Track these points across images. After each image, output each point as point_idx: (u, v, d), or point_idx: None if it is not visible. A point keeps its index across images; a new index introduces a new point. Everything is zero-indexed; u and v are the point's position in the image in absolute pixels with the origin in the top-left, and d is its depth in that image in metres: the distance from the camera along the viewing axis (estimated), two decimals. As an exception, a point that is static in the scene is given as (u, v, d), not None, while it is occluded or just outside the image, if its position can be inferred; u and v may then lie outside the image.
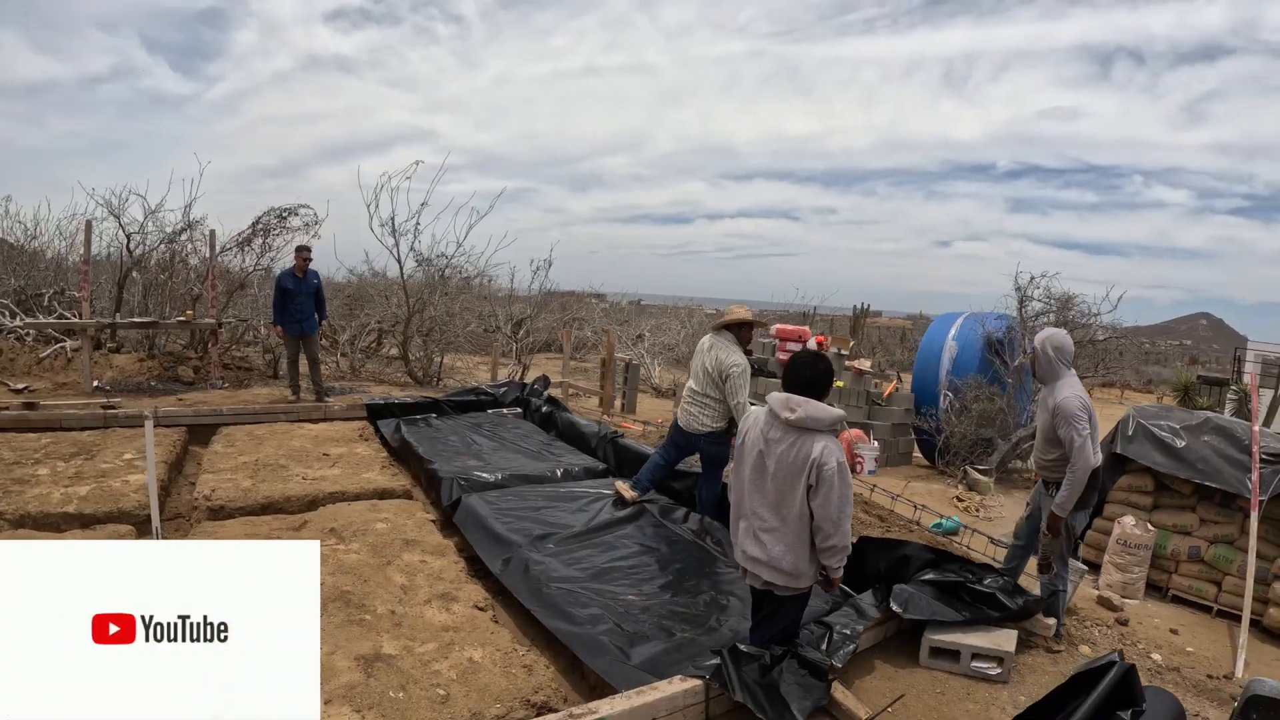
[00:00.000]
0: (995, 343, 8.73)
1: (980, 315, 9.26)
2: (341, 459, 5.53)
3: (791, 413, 2.83)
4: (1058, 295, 8.62)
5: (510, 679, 2.94)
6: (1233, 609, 4.91)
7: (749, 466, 3.00)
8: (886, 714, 3.14)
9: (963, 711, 3.22)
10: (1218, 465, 4.98)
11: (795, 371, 2.96)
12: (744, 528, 3.06)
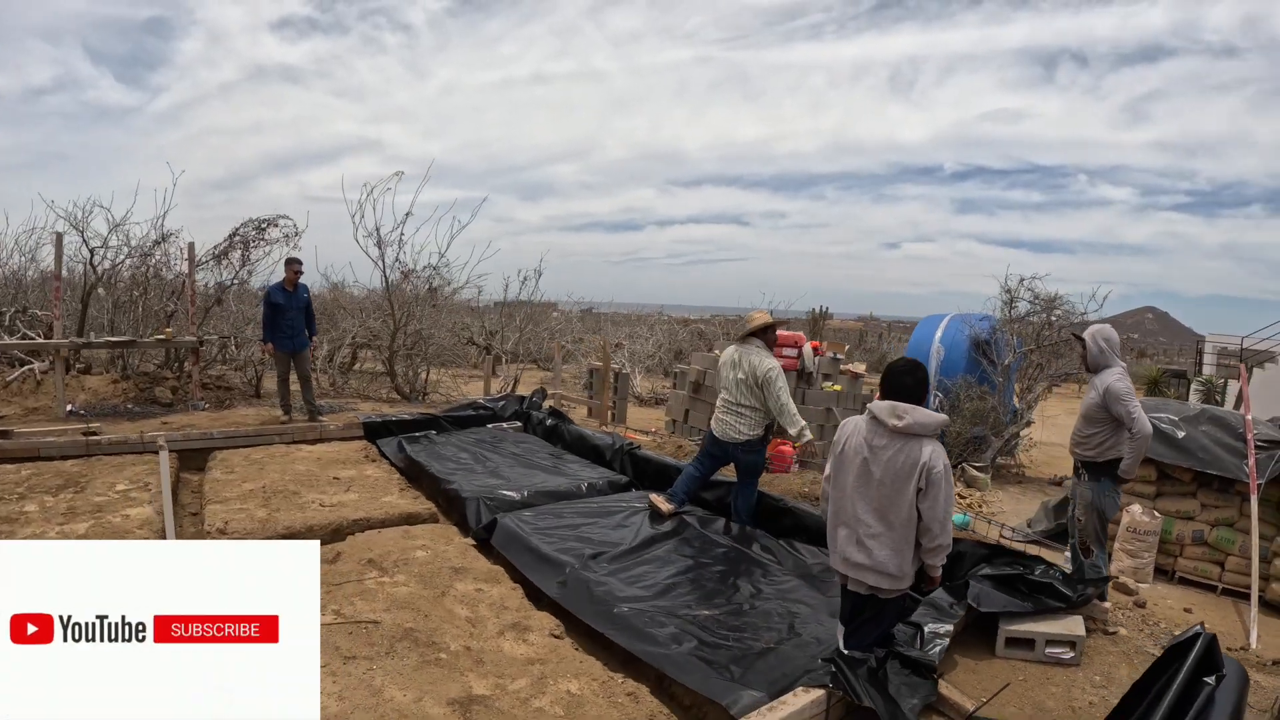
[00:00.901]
0: (982, 343, 8.98)
1: (965, 316, 9.51)
2: (355, 482, 5.20)
3: (899, 420, 2.88)
4: (1044, 296, 8.93)
5: (619, 709, 2.77)
6: (1237, 587, 5.15)
7: (853, 474, 3.01)
8: (963, 699, 3.15)
9: (1048, 695, 3.26)
10: (1216, 453, 5.21)
11: (897, 380, 3.00)
12: (845, 535, 3.06)
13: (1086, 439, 4.14)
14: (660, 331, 16.70)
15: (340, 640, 3.05)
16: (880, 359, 13.50)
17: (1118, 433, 4.02)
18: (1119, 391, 3.95)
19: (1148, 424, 3.90)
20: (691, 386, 9.33)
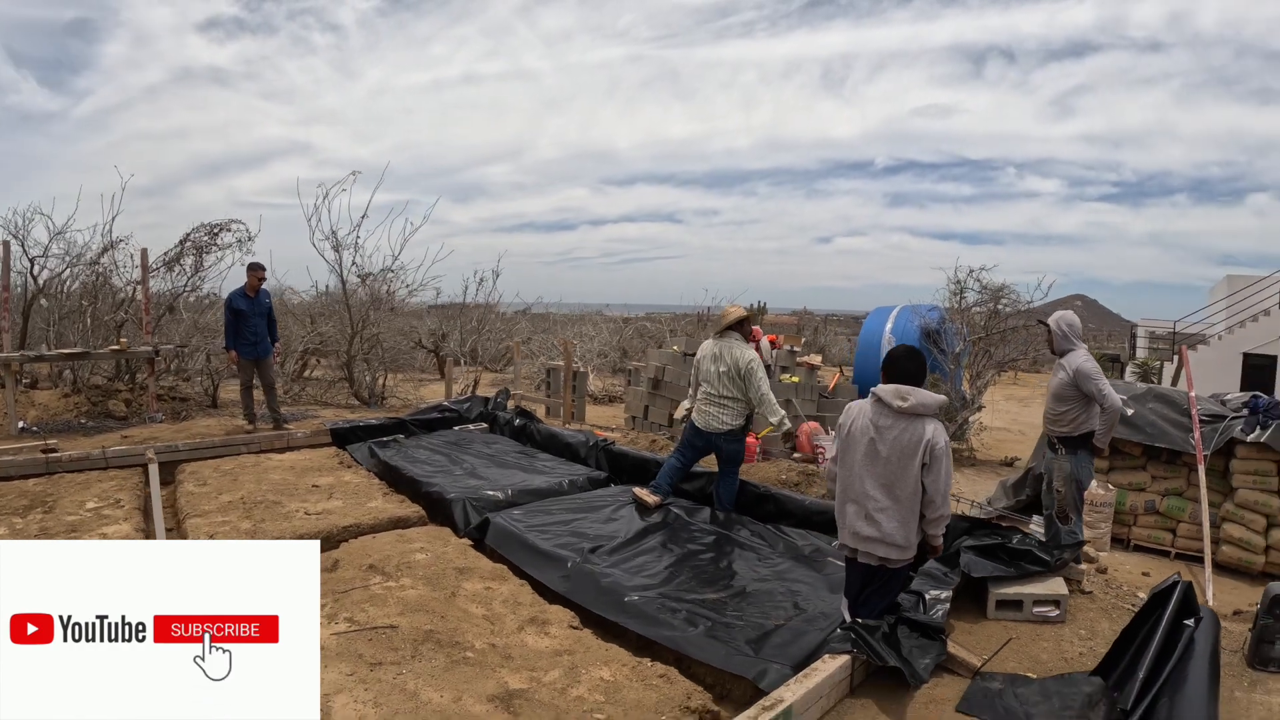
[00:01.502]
0: (931, 332, 9.43)
1: (915, 307, 9.96)
2: (336, 489, 5.06)
3: (904, 401, 3.08)
4: (991, 286, 9.44)
5: (655, 690, 2.83)
6: (1189, 551, 5.62)
7: (860, 453, 3.19)
8: (969, 655, 3.36)
9: (1041, 649, 3.51)
10: (1164, 428, 5.68)
11: (900, 365, 3.20)
12: (854, 510, 3.23)
13: (1060, 416, 4.45)
14: (606, 330, 16.82)
15: (362, 647, 2.99)
16: (819, 352, 13.99)
17: (1088, 408, 4.36)
18: (1089, 371, 4.29)
19: (1117, 398, 4.26)
20: (650, 383, 9.44)
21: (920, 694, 3.01)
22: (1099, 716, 2.84)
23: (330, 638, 3.03)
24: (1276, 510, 5.34)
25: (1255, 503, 5.42)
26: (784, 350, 9.07)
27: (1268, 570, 5.26)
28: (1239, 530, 5.42)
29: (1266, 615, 3.32)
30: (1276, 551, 5.29)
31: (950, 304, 9.58)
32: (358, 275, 9.18)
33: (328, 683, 2.68)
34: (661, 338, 15.21)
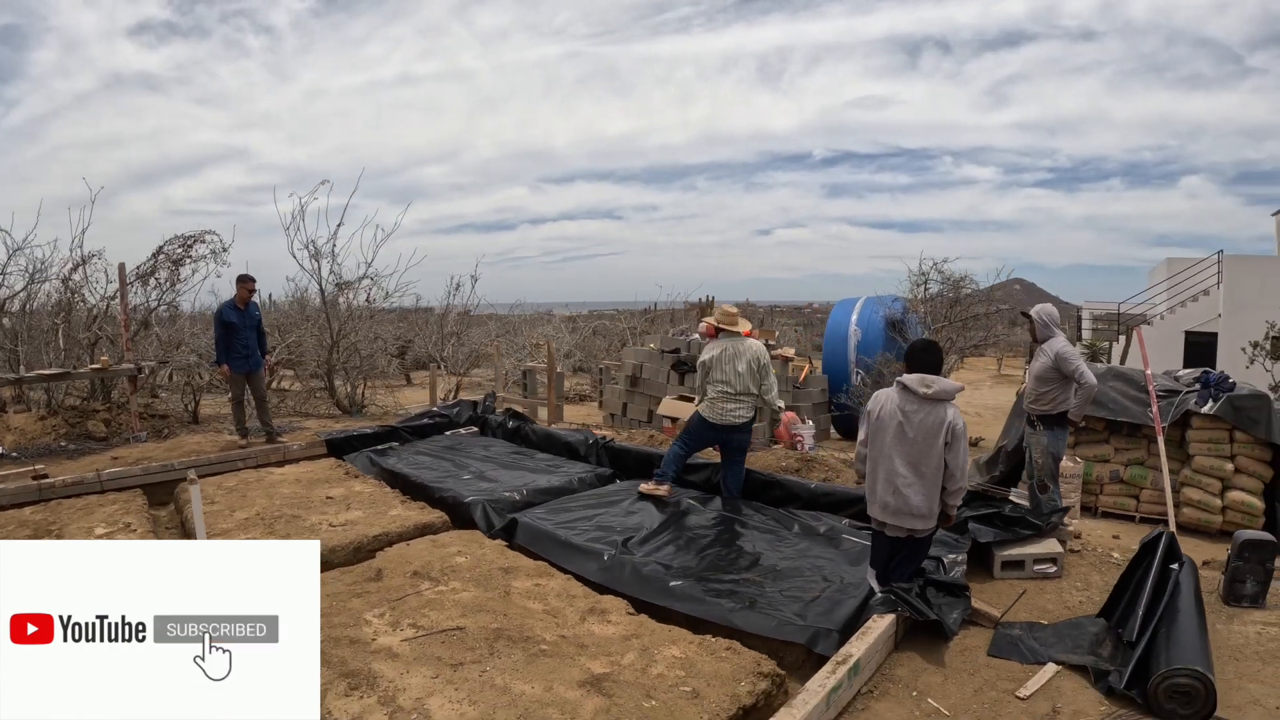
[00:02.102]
0: (896, 322, 10.08)
1: (878, 298, 10.57)
2: (351, 500, 5.14)
3: (928, 388, 3.52)
4: (951, 276, 10.15)
5: (726, 661, 3.12)
6: (1152, 515, 6.27)
7: (890, 435, 3.60)
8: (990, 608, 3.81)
9: (1046, 600, 3.99)
10: (1124, 404, 6.30)
11: (921, 356, 3.65)
12: (884, 486, 3.63)
13: (1041, 395, 4.99)
14: (565, 330, 17.03)
15: (437, 650, 3.12)
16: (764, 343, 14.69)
17: (1066, 389, 4.90)
18: (1069, 354, 4.86)
19: (1093, 376, 4.82)
20: (628, 380, 9.74)
21: (954, 644, 3.42)
22: (1107, 649, 3.31)
23: (402, 644, 3.16)
24: (1230, 474, 6.03)
25: (1211, 468, 6.09)
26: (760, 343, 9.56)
27: (1225, 528, 5.93)
28: (1197, 493, 6.09)
29: (1237, 559, 3.88)
30: (1232, 511, 5.98)
31: (913, 294, 10.26)
32: (335, 284, 9.17)
33: (417, 687, 2.82)
34: (622, 336, 15.54)
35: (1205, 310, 16.75)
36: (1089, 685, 3.07)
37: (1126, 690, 2.93)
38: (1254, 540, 3.93)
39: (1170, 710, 2.80)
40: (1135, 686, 2.93)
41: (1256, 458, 6.00)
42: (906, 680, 3.14)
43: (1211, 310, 16.59)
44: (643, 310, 21.04)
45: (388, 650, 3.12)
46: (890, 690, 3.06)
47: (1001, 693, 3.03)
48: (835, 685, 2.80)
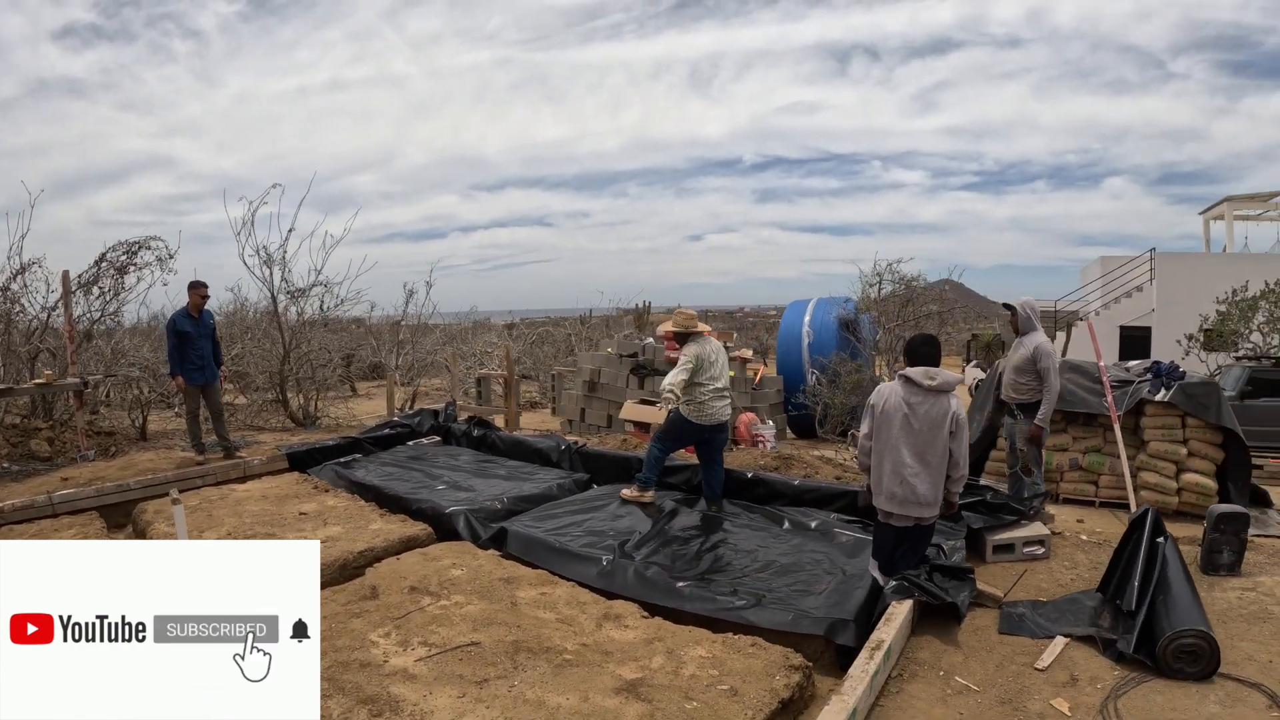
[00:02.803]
0: (849, 323, 10.50)
1: (829, 300, 11.00)
2: (326, 515, 5.01)
3: (932, 380, 3.74)
4: (904, 277, 10.66)
5: (754, 657, 3.20)
6: (1110, 499, 6.73)
7: (896, 427, 3.78)
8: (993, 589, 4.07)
9: (1040, 580, 4.27)
10: (1080, 395, 6.75)
11: (921, 351, 3.88)
12: (890, 476, 3.81)
13: (1021, 386, 5.33)
14: (508, 337, 17.02)
15: (457, 668, 3.08)
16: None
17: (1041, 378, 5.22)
18: (1047, 350, 5.20)
19: (1058, 382, 5.22)
20: (586, 385, 9.79)
21: (965, 625, 3.62)
22: (1108, 620, 3.58)
23: (417, 664, 3.11)
24: (1184, 457, 6.52)
25: (1165, 452, 6.57)
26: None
27: (1181, 509, 6.40)
28: (1154, 477, 6.56)
29: (1214, 531, 4.25)
30: (1187, 492, 6.46)
31: (866, 295, 10.77)
32: (287, 292, 8.95)
33: (446, 708, 2.77)
34: (567, 343, 15.64)
35: (1139, 305, 18.08)
36: (1098, 654, 3.31)
37: (1135, 654, 3.19)
38: (1228, 513, 4.31)
39: (1179, 669, 3.07)
40: (1143, 650, 3.20)
41: (1208, 441, 6.51)
42: (930, 661, 3.30)
43: (1145, 305, 17.91)
44: (578, 317, 21.22)
45: (403, 672, 3.06)
46: (918, 672, 3.21)
47: (1021, 666, 3.23)
48: (875, 670, 2.94)
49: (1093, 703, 2.95)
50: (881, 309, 10.75)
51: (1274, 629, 3.57)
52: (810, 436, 10.35)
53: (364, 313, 11.14)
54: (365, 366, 12.73)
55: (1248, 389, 10.90)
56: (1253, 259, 18.70)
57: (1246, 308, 13.40)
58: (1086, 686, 3.08)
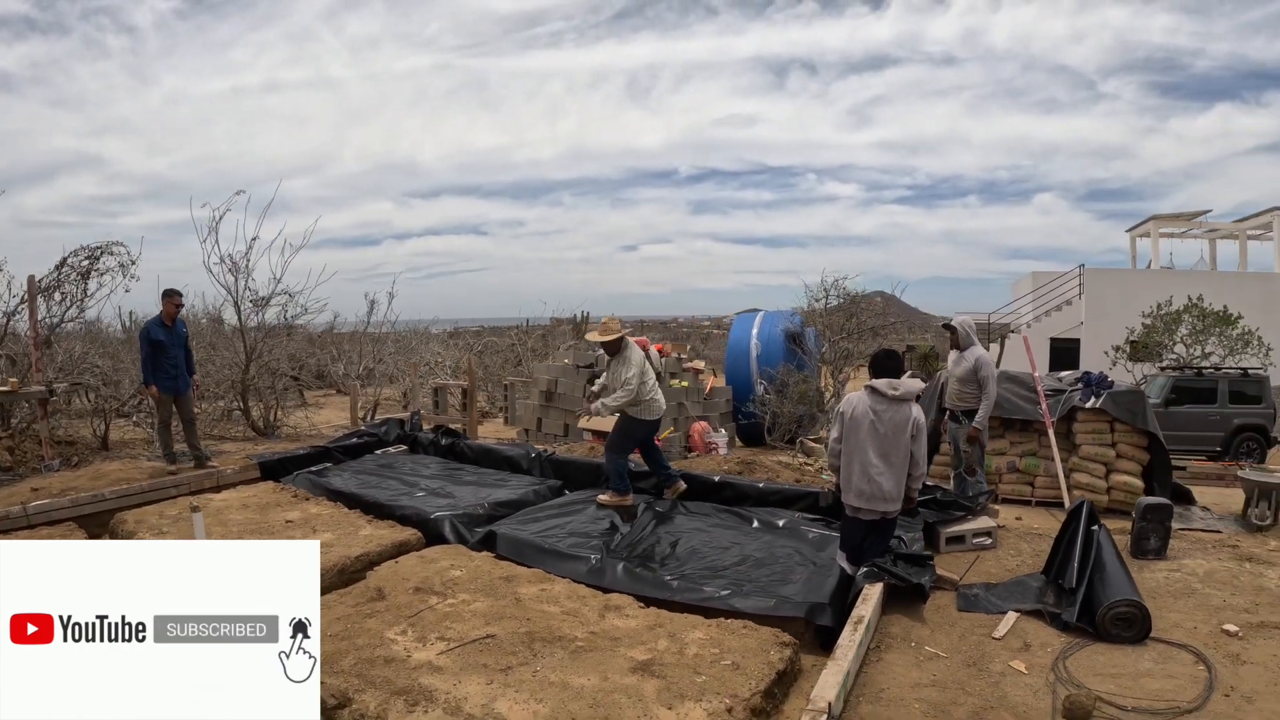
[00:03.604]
0: (795, 335, 11.27)
1: (778, 313, 11.78)
2: (315, 522, 5.28)
3: (895, 390, 4.34)
4: (848, 293, 11.51)
5: (749, 638, 3.67)
6: (1045, 498, 7.54)
7: (863, 431, 4.38)
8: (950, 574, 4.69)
9: (990, 566, 4.94)
10: (1016, 403, 7.55)
11: (887, 363, 4.49)
12: (859, 475, 4.40)
13: (965, 395, 6.11)
14: (453, 347, 17.31)
15: (480, 658, 3.44)
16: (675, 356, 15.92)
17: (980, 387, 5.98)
18: (988, 361, 5.98)
19: (995, 392, 6.00)
20: (542, 395, 10.22)
21: (928, 605, 4.23)
22: (1051, 597, 4.25)
23: (440, 657, 3.44)
24: (1113, 459, 7.38)
25: (1096, 455, 7.43)
26: (672, 358, 10.41)
27: (1111, 506, 7.21)
28: (1085, 477, 7.41)
29: (1142, 520, 5.01)
30: (1116, 491, 7.31)
31: (811, 308, 11.61)
32: (251, 300, 9.04)
33: (478, 694, 3.11)
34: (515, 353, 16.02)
35: (1069, 318, 19.61)
36: (1046, 625, 3.97)
37: (1078, 623, 3.86)
38: (1154, 505, 5.09)
39: (1116, 634, 3.73)
40: (1084, 619, 3.87)
41: (1135, 444, 7.39)
42: (902, 635, 3.88)
43: (1074, 318, 19.45)
44: (518, 327, 21.64)
45: (429, 664, 3.37)
46: (893, 644, 3.78)
47: (980, 637, 3.85)
48: (860, 640, 3.50)
49: (1044, 663, 3.57)
50: (825, 322, 11.59)
51: (1198, 602, 4.28)
52: (759, 444, 11.03)
53: (326, 322, 11.29)
54: (311, 375, 12.82)
55: (1172, 397, 12.17)
56: (1177, 275, 20.54)
57: (1171, 321, 14.83)
58: (1038, 650, 3.71)
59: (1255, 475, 6.89)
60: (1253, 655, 3.64)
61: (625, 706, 3.08)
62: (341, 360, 13.36)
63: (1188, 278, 19.33)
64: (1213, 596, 4.39)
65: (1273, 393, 12.44)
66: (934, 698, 3.32)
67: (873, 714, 3.22)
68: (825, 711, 2.89)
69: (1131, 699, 3.24)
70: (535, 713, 3.02)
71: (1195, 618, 4.06)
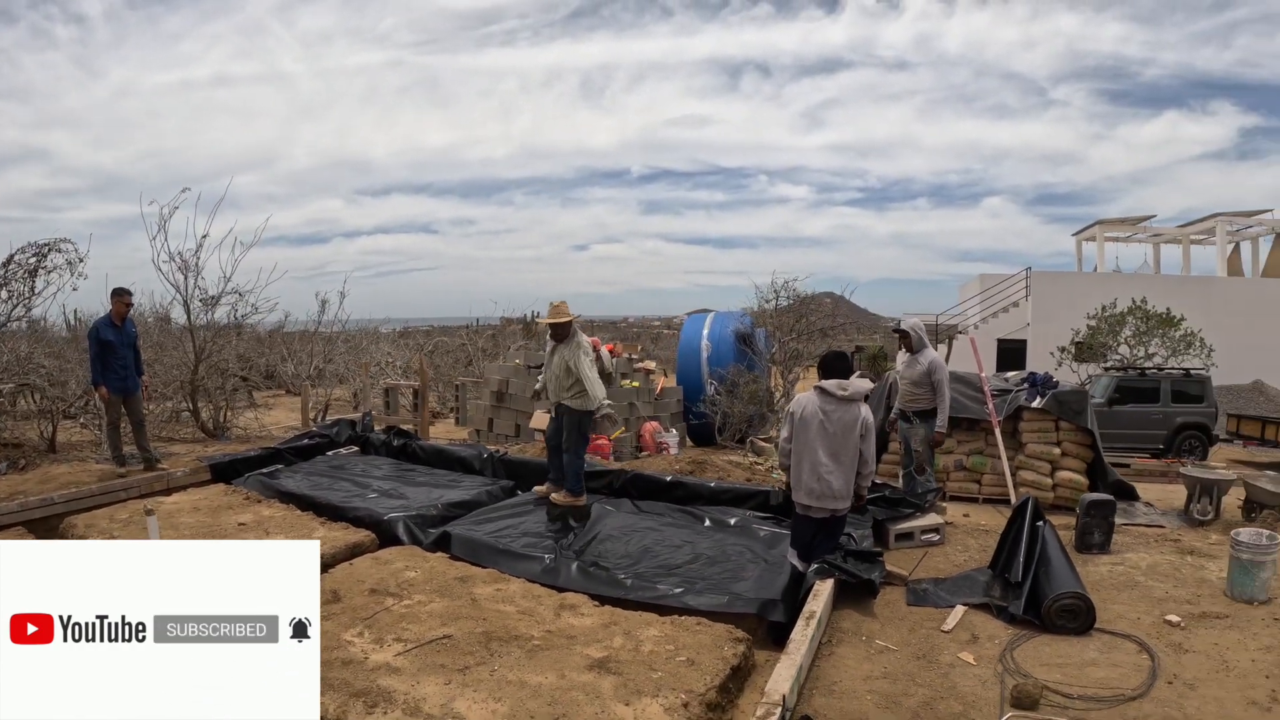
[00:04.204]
0: (745, 336, 11.47)
1: (724, 314, 11.97)
2: (267, 524, 5.26)
3: (844, 390, 4.50)
4: (799, 294, 11.76)
5: (703, 634, 3.76)
6: (992, 496, 7.80)
7: (813, 431, 4.52)
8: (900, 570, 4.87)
9: (938, 561, 5.14)
10: (964, 402, 7.79)
11: (836, 364, 4.63)
12: (809, 474, 4.54)
13: (917, 396, 6.31)
14: (402, 347, 17.21)
15: (437, 659, 3.48)
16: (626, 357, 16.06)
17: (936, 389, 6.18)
18: (941, 364, 6.20)
19: (949, 393, 6.21)
20: (494, 396, 10.24)
21: (878, 600, 4.39)
22: (998, 591, 4.43)
23: (398, 659, 3.48)
24: (1057, 457, 7.67)
25: (1041, 453, 7.71)
26: (623, 358, 10.52)
27: (1056, 503, 7.46)
28: (1031, 475, 7.68)
29: (1085, 515, 5.26)
30: (1061, 488, 7.60)
31: (761, 309, 11.84)
32: (201, 299, 9.01)
33: (439, 694, 3.16)
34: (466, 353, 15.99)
35: (1015, 320, 20.23)
36: (993, 618, 4.16)
37: (1025, 615, 4.05)
38: (1097, 500, 5.34)
39: (1062, 625, 3.93)
40: (1030, 612, 4.05)
41: (1079, 442, 7.70)
42: (853, 629, 4.04)
43: (1021, 320, 20.06)
44: (467, 326, 21.61)
45: (386, 666, 3.41)
46: (844, 638, 3.93)
47: (930, 630, 4.02)
48: (812, 634, 3.62)
49: (992, 654, 3.75)
50: (775, 323, 11.82)
51: (1140, 594, 4.51)
52: (710, 444, 11.19)
53: (276, 321, 11.13)
54: (261, 376, 12.68)
55: (1115, 396, 12.65)
56: (1121, 278, 21.26)
57: (1115, 322, 15.40)
58: (986, 642, 3.89)
59: (1196, 472, 7.20)
60: (1195, 644, 3.83)
61: (583, 704, 3.15)
62: (291, 360, 13.26)
63: (1132, 281, 20.03)
64: (1155, 588, 4.61)
65: (1214, 392, 12.95)
66: (885, 689, 3.46)
67: (826, 706, 3.33)
68: (780, 704, 3.00)
69: (1078, 687, 3.41)
70: (494, 711, 3.08)
71: (1138, 609, 4.28)
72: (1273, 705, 3.29)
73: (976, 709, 3.29)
